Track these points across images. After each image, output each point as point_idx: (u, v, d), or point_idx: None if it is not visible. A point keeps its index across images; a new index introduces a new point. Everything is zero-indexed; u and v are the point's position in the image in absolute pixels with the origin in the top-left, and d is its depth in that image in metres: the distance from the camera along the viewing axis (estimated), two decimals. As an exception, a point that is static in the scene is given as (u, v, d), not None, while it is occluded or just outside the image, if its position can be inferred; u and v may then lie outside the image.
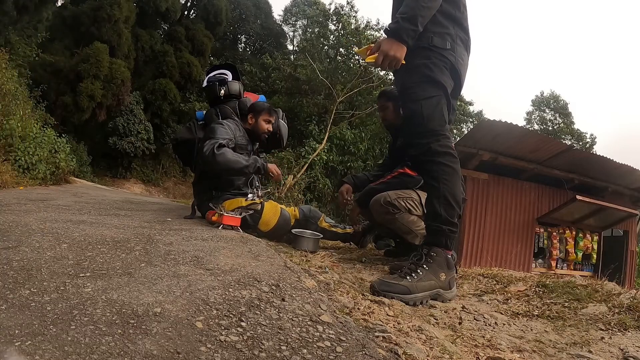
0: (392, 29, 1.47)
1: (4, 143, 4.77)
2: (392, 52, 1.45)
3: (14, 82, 6.02)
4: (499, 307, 1.44)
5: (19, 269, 0.99)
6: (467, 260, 5.46)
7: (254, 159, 2.23)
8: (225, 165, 2.12)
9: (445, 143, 1.54)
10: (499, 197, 5.94)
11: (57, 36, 12.47)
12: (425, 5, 1.46)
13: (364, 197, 2.24)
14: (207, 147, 2.10)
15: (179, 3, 16.75)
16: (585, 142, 23.10)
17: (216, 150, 2.08)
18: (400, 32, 1.45)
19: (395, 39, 1.46)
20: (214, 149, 2.09)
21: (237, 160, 2.15)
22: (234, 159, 2.13)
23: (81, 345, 0.67)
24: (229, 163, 2.11)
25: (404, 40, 1.46)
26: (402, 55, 1.47)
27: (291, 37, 21.42)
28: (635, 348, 1.08)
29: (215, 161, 2.08)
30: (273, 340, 0.78)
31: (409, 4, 1.47)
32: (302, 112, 13.93)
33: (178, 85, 15.16)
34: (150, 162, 15.25)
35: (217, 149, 2.09)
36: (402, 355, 0.82)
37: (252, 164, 2.19)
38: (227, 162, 2.10)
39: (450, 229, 1.50)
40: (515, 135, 5.34)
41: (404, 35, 1.45)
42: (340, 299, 1.14)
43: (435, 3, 1.49)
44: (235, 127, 2.39)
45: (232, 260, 1.29)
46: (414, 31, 1.46)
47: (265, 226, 2.22)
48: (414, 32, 1.47)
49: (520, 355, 0.98)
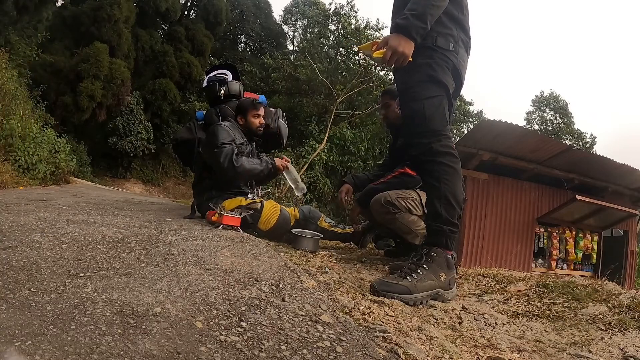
0: (401, 25, 1.44)
1: (4, 143, 4.77)
2: (401, 49, 1.42)
3: (14, 82, 6.02)
4: (499, 307, 1.44)
5: (19, 269, 0.99)
6: (467, 260, 5.46)
7: (265, 162, 2.37)
8: (244, 175, 2.27)
9: (446, 143, 1.54)
10: (499, 197, 5.94)
11: (57, 36, 12.46)
12: (436, 4, 1.45)
13: (364, 197, 2.24)
14: (224, 158, 2.22)
15: (179, 3, 16.74)
16: (585, 142, 23.10)
17: (235, 163, 2.22)
18: (409, 28, 1.42)
19: (404, 35, 1.43)
20: (233, 161, 2.22)
21: (254, 167, 2.30)
22: (250, 167, 2.28)
23: (81, 345, 0.67)
24: (247, 172, 2.27)
25: (412, 37, 1.43)
26: (411, 51, 1.44)
27: (291, 37, 21.44)
28: (635, 348, 1.08)
29: (235, 172, 2.23)
30: (273, 340, 0.78)
31: (419, 1, 1.45)
32: (302, 112, 13.93)
33: (178, 85, 15.16)
34: (150, 162, 15.25)
35: (236, 160, 2.23)
36: (402, 355, 0.82)
37: (266, 167, 2.35)
38: (245, 172, 2.26)
39: (450, 229, 1.49)
40: (515, 135, 5.34)
41: (413, 32, 1.43)
42: (340, 299, 1.14)
43: (444, 2, 1.48)
44: (233, 128, 2.41)
45: (232, 260, 1.29)
46: (423, 29, 1.45)
47: (265, 225, 2.22)
48: (423, 29, 1.45)
49: (520, 355, 0.98)
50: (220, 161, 2.21)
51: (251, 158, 2.36)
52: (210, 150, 2.29)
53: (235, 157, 2.23)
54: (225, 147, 2.24)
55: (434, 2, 1.45)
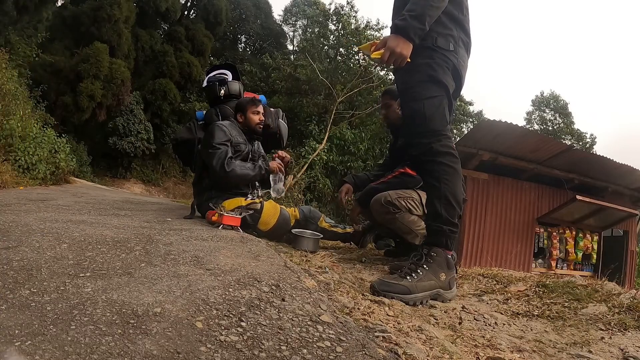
0: (399, 26, 1.44)
1: (4, 143, 4.77)
2: (399, 49, 1.43)
3: (14, 82, 6.02)
4: (499, 307, 1.44)
5: (19, 269, 0.99)
6: (467, 260, 5.46)
7: (259, 167, 2.36)
8: (235, 180, 2.28)
9: (446, 143, 1.54)
10: (499, 197, 5.94)
11: (57, 36, 12.47)
12: (435, 5, 1.46)
13: (364, 197, 2.24)
14: (216, 162, 2.23)
15: (179, 3, 16.74)
16: (585, 142, 23.10)
17: (226, 167, 2.22)
18: (408, 29, 1.43)
19: (402, 36, 1.44)
20: (225, 165, 2.22)
21: (246, 173, 2.30)
22: (242, 173, 2.29)
23: (81, 345, 0.67)
24: (238, 178, 2.28)
25: (411, 38, 1.44)
26: (409, 52, 1.45)
27: (291, 37, 21.44)
28: (635, 348, 1.08)
29: (227, 177, 2.24)
30: (273, 340, 0.78)
31: (417, 2, 1.45)
32: (302, 112, 13.93)
33: (178, 85, 15.15)
34: (150, 162, 15.25)
35: (227, 165, 2.23)
36: (402, 355, 0.82)
37: (258, 172, 2.35)
38: (236, 177, 2.27)
39: (450, 229, 1.49)
40: (515, 135, 5.34)
41: (412, 33, 1.43)
42: (340, 299, 1.14)
43: (443, 3, 1.49)
44: (232, 127, 2.41)
45: (232, 260, 1.29)
46: (422, 30, 1.45)
47: (265, 226, 2.22)
48: (422, 30, 1.45)
49: (520, 355, 0.98)
50: (213, 164, 2.23)
51: (245, 162, 2.36)
52: (205, 150, 2.31)
53: (228, 161, 2.24)
54: (220, 148, 2.25)
55: (433, 2, 1.45)
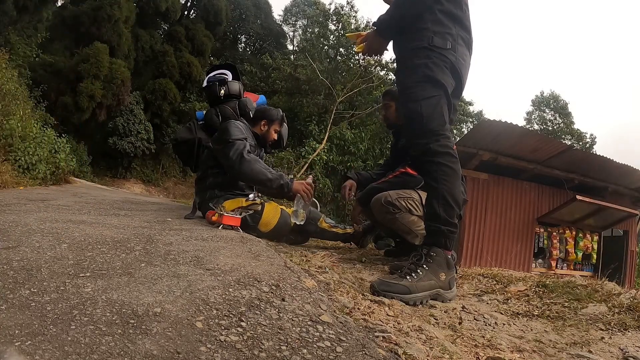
0: (377, 21, 1.64)
1: (4, 143, 4.77)
2: (376, 45, 1.70)
3: (14, 82, 6.02)
4: (499, 307, 1.44)
5: (19, 269, 0.99)
6: (467, 260, 5.47)
7: (280, 175, 2.14)
8: (249, 174, 2.11)
9: (445, 143, 1.53)
10: (499, 197, 5.95)
11: (57, 36, 12.49)
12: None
13: (365, 196, 2.24)
14: (234, 152, 2.08)
15: (179, 3, 16.76)
16: (585, 142, 23.12)
17: (244, 157, 2.07)
18: (381, 24, 1.63)
19: (377, 31, 1.67)
20: (244, 155, 2.07)
21: (263, 171, 2.11)
22: (258, 169, 2.10)
23: (81, 345, 0.67)
24: (253, 173, 2.10)
25: (380, 32, 1.67)
26: (381, 47, 1.71)
27: (291, 37, 21.48)
28: (635, 348, 1.08)
29: (240, 168, 2.08)
30: (273, 340, 0.78)
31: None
32: (302, 112, 13.93)
33: (178, 85, 15.17)
34: (150, 162, 15.26)
35: (247, 155, 2.08)
36: (402, 355, 0.82)
37: (277, 179, 2.11)
38: (251, 171, 2.09)
39: (449, 229, 1.49)
40: (515, 135, 5.34)
41: (382, 27, 1.64)
42: (340, 299, 1.14)
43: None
44: (246, 130, 2.35)
45: (232, 260, 1.29)
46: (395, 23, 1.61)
47: (266, 227, 2.21)
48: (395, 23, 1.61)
49: (520, 355, 0.98)
50: (229, 154, 2.10)
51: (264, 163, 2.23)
52: (220, 144, 2.21)
53: (247, 153, 2.10)
54: (238, 142, 2.15)
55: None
